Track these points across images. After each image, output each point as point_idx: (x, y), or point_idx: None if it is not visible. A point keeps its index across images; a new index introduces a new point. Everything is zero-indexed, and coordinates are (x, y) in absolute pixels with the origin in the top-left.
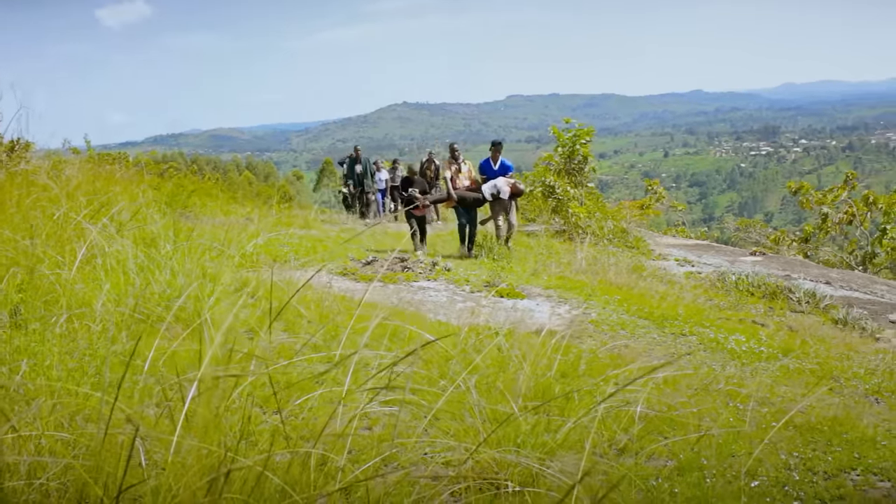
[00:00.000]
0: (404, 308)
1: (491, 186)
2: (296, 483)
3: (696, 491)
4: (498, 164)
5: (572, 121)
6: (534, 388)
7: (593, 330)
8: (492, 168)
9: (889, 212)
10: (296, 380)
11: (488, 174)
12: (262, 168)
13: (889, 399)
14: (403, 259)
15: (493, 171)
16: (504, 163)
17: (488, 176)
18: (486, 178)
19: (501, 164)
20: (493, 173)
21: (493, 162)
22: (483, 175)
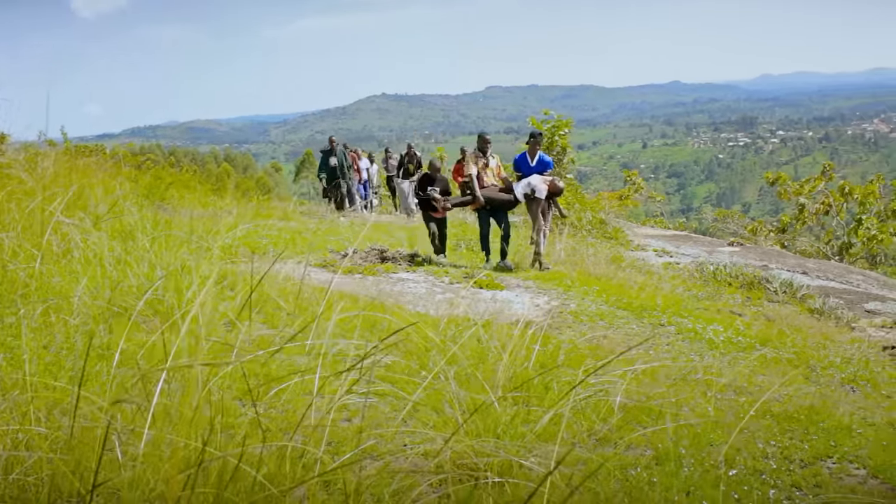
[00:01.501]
0: (384, 300)
1: (525, 185)
2: (273, 475)
3: (674, 480)
4: (536, 159)
5: (551, 112)
6: (513, 379)
7: (572, 321)
8: (528, 164)
9: (865, 202)
10: (274, 372)
11: (524, 171)
12: (241, 160)
13: (864, 388)
14: (383, 251)
15: (530, 168)
16: (543, 158)
17: (523, 173)
18: (520, 175)
19: (540, 159)
20: (529, 170)
21: (531, 157)
22: (518, 172)
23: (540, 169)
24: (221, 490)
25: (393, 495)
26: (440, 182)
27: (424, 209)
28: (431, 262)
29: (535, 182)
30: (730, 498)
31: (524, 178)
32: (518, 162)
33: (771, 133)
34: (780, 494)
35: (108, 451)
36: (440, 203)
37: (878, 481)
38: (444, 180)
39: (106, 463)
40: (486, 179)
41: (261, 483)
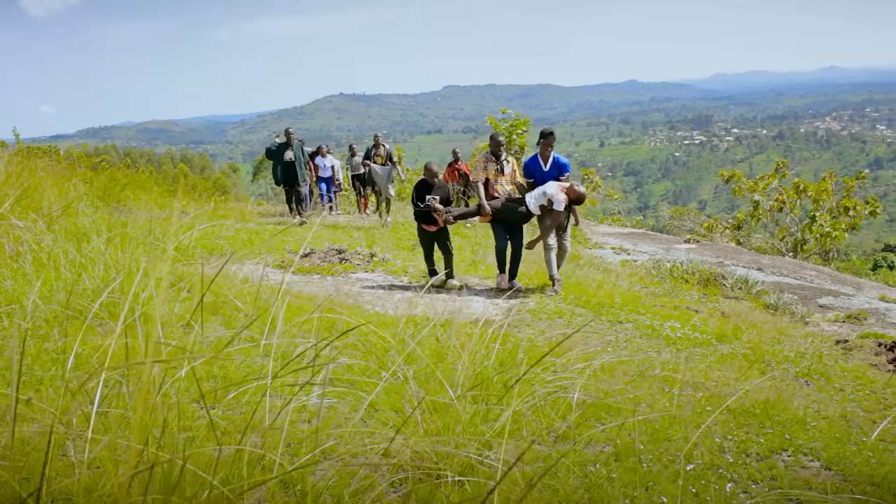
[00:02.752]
0: (342, 300)
1: (538, 195)
2: (230, 478)
3: (633, 476)
4: (549, 162)
5: (509, 111)
6: (472, 378)
7: (531, 319)
8: (541, 168)
9: (818, 199)
10: (232, 373)
11: (536, 177)
12: (198, 161)
13: (818, 381)
14: (341, 251)
15: (543, 173)
16: (558, 160)
17: (536, 179)
18: (532, 182)
19: (555, 162)
20: (542, 176)
21: (543, 160)
22: (529, 179)
23: (555, 173)
24: (170, 494)
25: (352, 495)
26: (440, 190)
27: (419, 222)
28: (387, 262)
29: (550, 190)
30: (688, 492)
31: (538, 187)
32: (528, 167)
33: (726, 131)
34: (736, 488)
35: (62, 456)
36: (441, 214)
37: (831, 473)
38: (444, 188)
39: (61, 469)
40: (497, 188)
41: (217, 486)
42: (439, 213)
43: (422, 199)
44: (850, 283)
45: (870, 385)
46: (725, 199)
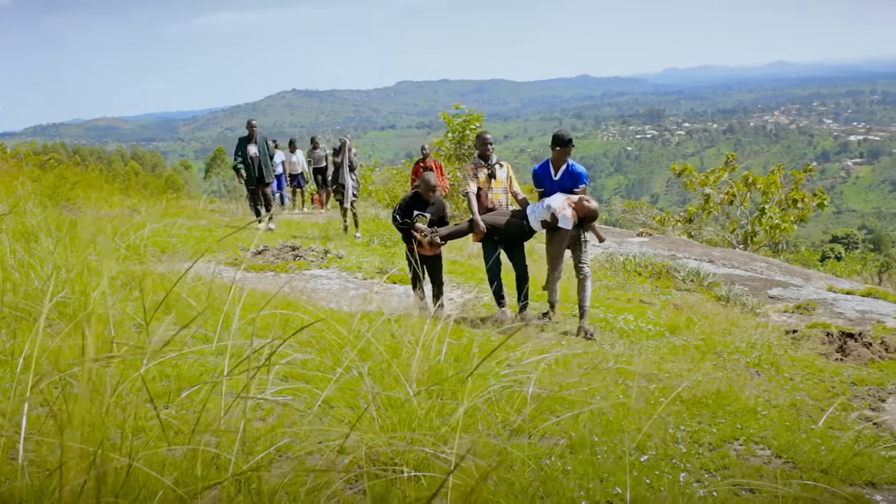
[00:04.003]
0: (296, 297)
1: (541, 209)
2: (184, 478)
3: (587, 468)
4: (562, 171)
5: (462, 106)
6: (427, 373)
7: (486, 313)
8: (551, 178)
9: (767, 192)
10: (186, 372)
11: (546, 187)
12: (149, 158)
13: (768, 371)
14: (295, 247)
15: (553, 183)
16: (573, 169)
17: (546, 190)
18: (541, 192)
19: (568, 170)
20: (552, 186)
21: (554, 168)
22: (539, 188)
23: (567, 184)
24: (122, 496)
25: (308, 493)
26: (433, 207)
27: (408, 240)
28: (341, 258)
29: (555, 204)
30: (642, 483)
31: (543, 199)
32: (537, 174)
33: (677, 125)
34: (689, 478)
35: (11, 459)
36: (424, 235)
37: (781, 461)
38: (439, 205)
39: (10, 472)
40: (491, 197)
41: (171, 487)
42: (421, 232)
43: (408, 214)
44: (798, 274)
45: (818, 374)
46: (677, 192)
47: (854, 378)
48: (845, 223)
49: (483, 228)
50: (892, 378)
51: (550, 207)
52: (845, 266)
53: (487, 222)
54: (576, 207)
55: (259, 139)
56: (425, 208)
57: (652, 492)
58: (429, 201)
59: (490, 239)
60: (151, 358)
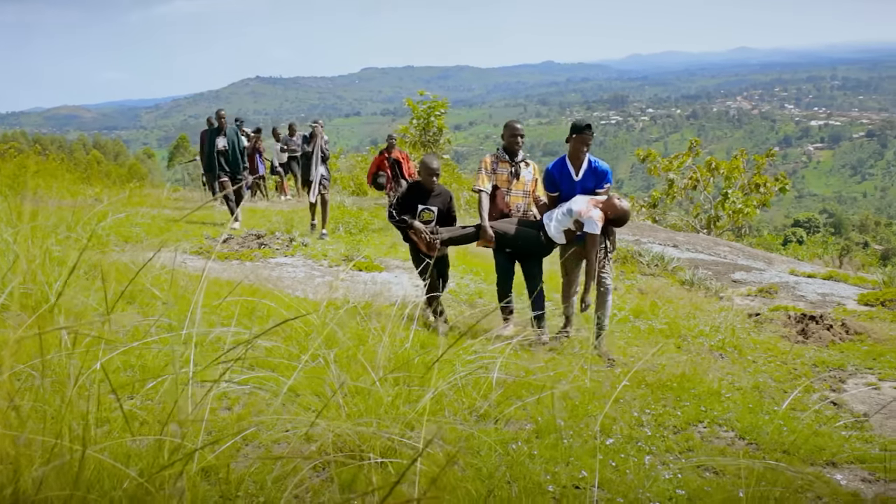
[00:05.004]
0: (262, 285)
1: (561, 215)
2: (151, 468)
3: (553, 452)
4: (583, 169)
5: (426, 93)
6: (393, 360)
7: (452, 300)
8: (570, 177)
9: (730, 177)
10: (151, 362)
11: (562, 189)
12: (111, 147)
13: (731, 354)
14: (260, 235)
15: (572, 184)
16: (596, 166)
17: (562, 193)
18: (556, 196)
19: (591, 168)
20: (570, 188)
21: (574, 165)
22: (553, 192)
23: (590, 184)
24: (86, 488)
25: (275, 481)
26: (438, 199)
27: (408, 241)
28: (306, 246)
29: (578, 206)
30: (608, 466)
31: (563, 205)
32: (552, 175)
33: (641, 111)
34: (654, 460)
35: None
36: (423, 235)
37: (744, 442)
38: (444, 195)
39: None
40: (509, 200)
41: (135, 478)
42: (419, 233)
43: (409, 209)
44: (761, 258)
45: (780, 356)
46: (641, 177)
47: (815, 360)
48: (807, 207)
49: (491, 235)
50: (852, 359)
51: (573, 212)
52: (807, 250)
53: (497, 229)
54: (605, 208)
55: (229, 131)
56: (427, 200)
57: (618, 474)
58: (431, 191)
59: (502, 249)
60: (114, 348)
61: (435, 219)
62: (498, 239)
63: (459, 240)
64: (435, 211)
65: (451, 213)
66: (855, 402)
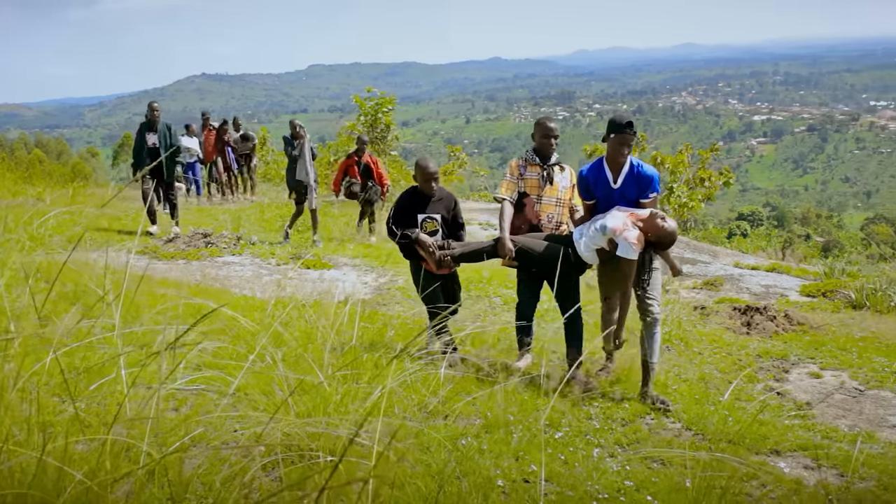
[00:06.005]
0: (209, 284)
1: (593, 232)
2: (94, 471)
3: (503, 447)
4: (624, 174)
5: (374, 89)
6: (342, 358)
7: (401, 297)
8: (607, 182)
9: (675, 171)
10: (95, 364)
11: (598, 197)
12: (54, 146)
13: (678, 346)
14: (207, 234)
15: (610, 192)
16: (641, 171)
17: (598, 201)
18: (592, 205)
19: (634, 173)
20: (608, 196)
21: (612, 169)
22: (588, 200)
23: (632, 193)
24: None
25: (224, 482)
26: (440, 204)
27: (411, 256)
28: (254, 244)
29: (613, 224)
30: (557, 459)
31: (597, 217)
32: (586, 180)
33: (588, 106)
34: (603, 453)
35: None
36: (432, 252)
37: (691, 433)
38: (448, 198)
39: None
40: (541, 209)
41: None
42: (428, 249)
43: (408, 220)
44: (706, 251)
45: (725, 347)
46: None
47: (759, 351)
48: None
49: (510, 250)
50: (795, 350)
51: (606, 229)
52: (751, 242)
53: (519, 245)
54: (645, 227)
55: (161, 126)
56: (428, 207)
57: (567, 468)
58: (431, 196)
59: (526, 268)
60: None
61: (440, 228)
62: (519, 256)
63: (474, 255)
64: (439, 219)
65: (458, 218)
66: (798, 391)
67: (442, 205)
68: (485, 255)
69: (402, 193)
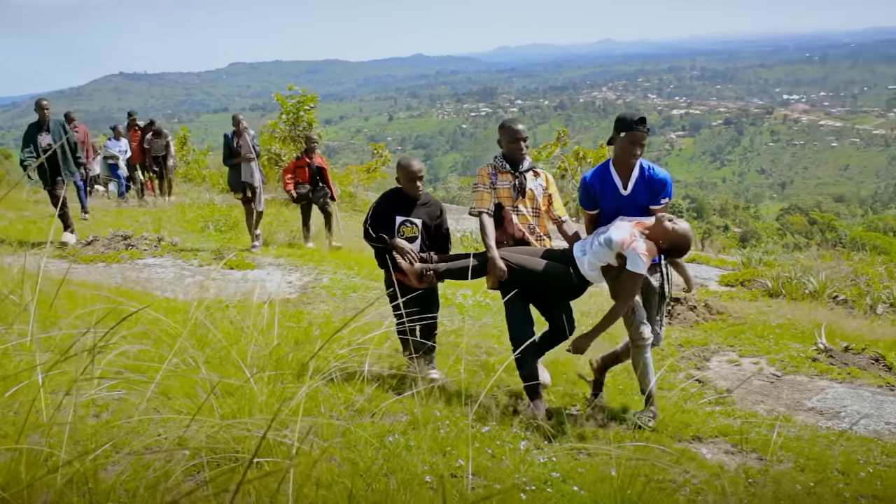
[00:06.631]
0: (130, 287)
1: (597, 246)
2: (11, 481)
3: (430, 442)
4: (633, 180)
5: (296, 87)
6: (267, 358)
7: (326, 295)
8: (615, 189)
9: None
10: (12, 370)
11: (605, 206)
12: None
13: (604, 337)
14: (127, 237)
15: (619, 199)
16: (653, 175)
17: (603, 210)
18: (596, 215)
19: (646, 178)
20: (616, 204)
21: (621, 175)
22: (591, 210)
23: (643, 200)
24: None
25: (148, 488)
26: (424, 210)
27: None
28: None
29: (619, 236)
30: (484, 453)
31: (600, 230)
32: (591, 186)
33: (510, 102)
34: (529, 445)
35: None
36: (411, 267)
37: (616, 423)
38: (434, 205)
39: None
40: (519, 221)
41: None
42: (406, 257)
43: (385, 223)
44: None
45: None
46: None
47: (681, 340)
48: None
49: (503, 271)
50: (715, 338)
51: (613, 243)
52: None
53: (512, 263)
54: (654, 235)
55: (54, 125)
56: (412, 211)
57: (494, 461)
58: (416, 199)
59: (511, 288)
60: None
61: (419, 235)
62: (515, 277)
63: (459, 273)
64: (419, 225)
65: (443, 228)
66: (718, 378)
67: (425, 210)
68: (471, 273)
69: (382, 193)
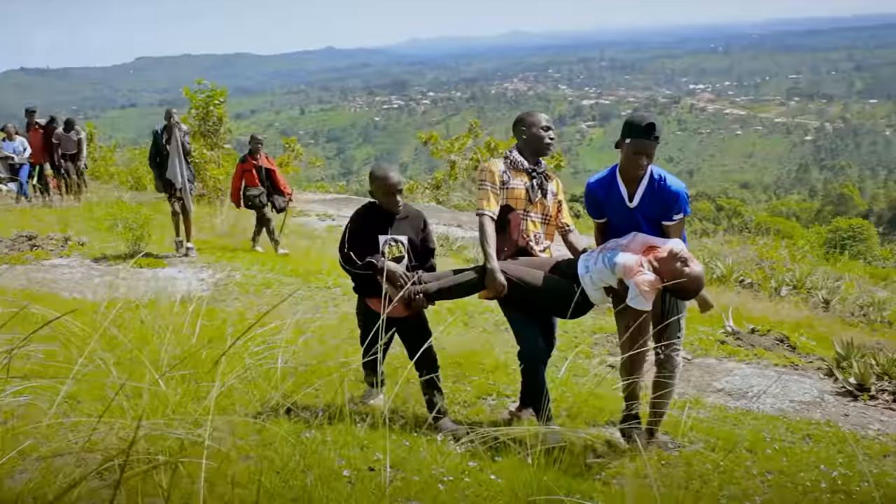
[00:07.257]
0: (35, 289)
1: (601, 267)
2: None
3: (347, 437)
4: (641, 190)
5: (205, 81)
6: (180, 358)
7: (239, 292)
8: (622, 201)
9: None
10: None
11: (612, 217)
12: None
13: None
14: (31, 237)
15: (624, 213)
16: (664, 186)
17: (611, 220)
18: (603, 224)
19: (655, 189)
20: (621, 217)
21: (628, 185)
22: (598, 219)
23: (650, 212)
24: None
25: (58, 494)
26: (409, 222)
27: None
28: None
29: (624, 261)
30: (401, 446)
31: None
32: (594, 194)
33: (422, 94)
34: (447, 435)
35: None
36: (399, 283)
37: (529, 411)
38: (417, 217)
39: None
40: (528, 229)
41: None
42: (397, 283)
43: (367, 244)
44: None
45: (561, 325)
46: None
47: (594, 328)
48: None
49: (502, 285)
50: None
51: (616, 267)
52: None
53: (513, 276)
54: (661, 269)
55: None
56: (394, 227)
57: (411, 454)
58: (395, 214)
59: (520, 306)
60: None
61: (406, 254)
62: (517, 293)
63: (456, 291)
64: (405, 242)
65: (428, 242)
66: None
67: (408, 224)
68: (468, 290)
69: (356, 210)
